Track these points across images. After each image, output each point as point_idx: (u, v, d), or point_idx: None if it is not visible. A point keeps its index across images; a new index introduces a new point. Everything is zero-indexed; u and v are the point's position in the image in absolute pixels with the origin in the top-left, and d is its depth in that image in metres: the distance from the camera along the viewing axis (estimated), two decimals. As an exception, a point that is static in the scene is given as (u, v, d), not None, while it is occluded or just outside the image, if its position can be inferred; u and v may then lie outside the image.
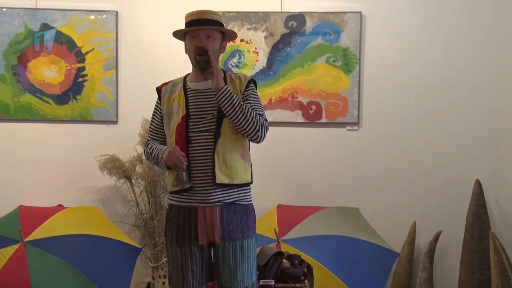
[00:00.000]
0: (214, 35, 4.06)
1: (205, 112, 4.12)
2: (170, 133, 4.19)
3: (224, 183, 4.06)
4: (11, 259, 5.27)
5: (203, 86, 4.16)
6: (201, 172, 4.10)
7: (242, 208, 4.16)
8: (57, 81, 6.12)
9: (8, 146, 6.21)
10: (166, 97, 4.25)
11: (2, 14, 6.09)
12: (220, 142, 4.05)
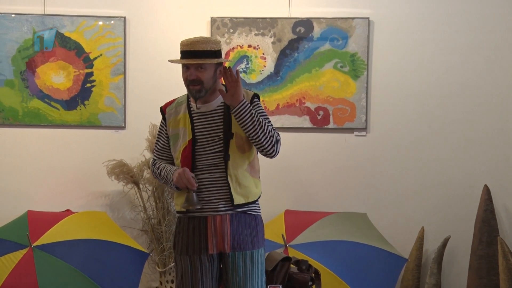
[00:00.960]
0: (205, 65, 4.03)
1: (211, 135, 4.13)
2: (176, 155, 4.20)
3: (241, 203, 4.09)
4: (19, 264, 5.26)
5: (206, 108, 4.16)
6: (220, 206, 4.11)
7: (251, 218, 4.16)
8: (65, 86, 6.13)
9: (17, 151, 6.21)
10: (172, 119, 4.25)
11: (11, 20, 6.09)
12: (231, 164, 4.06)
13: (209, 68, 4.03)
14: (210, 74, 4.03)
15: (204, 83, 4.00)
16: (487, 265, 5.59)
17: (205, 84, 4.00)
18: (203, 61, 3.98)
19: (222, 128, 4.09)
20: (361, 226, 5.67)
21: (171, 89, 5.31)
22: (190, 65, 4.01)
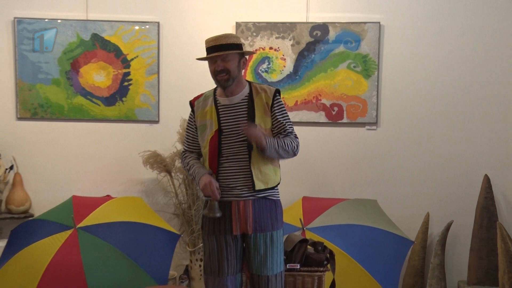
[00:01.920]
0: (230, 57, 4.09)
1: (235, 126, 4.18)
2: (204, 144, 4.26)
3: (261, 189, 4.14)
4: (65, 244, 5.36)
5: (230, 101, 4.22)
6: (243, 192, 4.15)
7: (271, 202, 4.20)
8: (105, 85, 6.18)
9: (62, 143, 6.27)
10: (199, 111, 4.29)
11: (57, 25, 6.11)
12: (253, 153, 4.11)
13: (234, 59, 4.10)
14: (235, 63, 4.11)
15: (231, 71, 4.07)
16: (487, 247, 5.59)
17: (231, 73, 4.07)
18: (228, 52, 4.07)
19: (245, 120, 4.16)
20: (372, 212, 5.71)
21: (199, 87, 5.23)
22: (217, 58, 4.08)
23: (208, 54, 4.13)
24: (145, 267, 5.33)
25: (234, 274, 4.25)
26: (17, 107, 6.22)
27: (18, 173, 6.17)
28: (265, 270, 4.17)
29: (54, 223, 5.55)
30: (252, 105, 4.17)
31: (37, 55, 6.20)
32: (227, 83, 4.11)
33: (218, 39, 4.12)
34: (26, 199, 6.14)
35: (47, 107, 6.21)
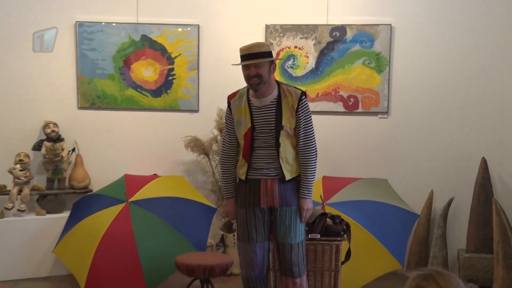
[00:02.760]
0: (262, 64, 4.10)
1: (265, 125, 4.20)
2: (239, 137, 4.29)
3: (290, 178, 4.19)
4: (118, 215, 5.53)
5: (261, 103, 4.22)
6: (268, 171, 4.21)
7: (296, 181, 4.24)
8: (153, 79, 6.24)
9: (116, 129, 6.33)
10: (235, 109, 4.30)
11: (112, 28, 6.19)
12: (281, 149, 4.16)
13: (265, 65, 4.10)
14: (266, 69, 4.11)
15: (263, 77, 4.08)
16: (484, 220, 5.60)
17: (263, 78, 4.08)
18: (261, 60, 4.09)
19: (274, 122, 4.18)
20: (383, 189, 5.75)
21: (233, 81, 5.37)
22: (250, 65, 4.09)
23: (243, 61, 4.14)
24: (187, 236, 5.49)
25: (263, 242, 4.29)
26: (78, 98, 6.28)
27: (79, 154, 6.23)
28: (289, 239, 4.22)
29: (109, 198, 5.72)
30: (280, 107, 4.18)
31: (96, 53, 6.26)
32: (258, 87, 4.13)
33: (251, 48, 4.14)
34: (86, 177, 6.22)
35: (103, 98, 6.27)
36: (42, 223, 5.92)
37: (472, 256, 5.64)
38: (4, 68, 6.26)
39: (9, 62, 6.26)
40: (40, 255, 5.88)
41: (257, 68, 4.08)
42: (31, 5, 6.20)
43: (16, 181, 5.86)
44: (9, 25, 6.25)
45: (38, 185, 6.09)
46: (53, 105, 6.30)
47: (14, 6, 6.22)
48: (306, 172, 4.22)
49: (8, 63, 6.25)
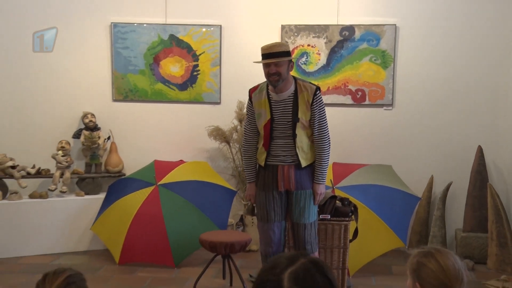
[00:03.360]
0: (281, 63, 4.09)
1: (283, 118, 4.22)
2: (260, 128, 4.30)
3: (306, 165, 4.22)
4: (148, 197, 5.64)
5: (279, 98, 4.23)
6: (285, 158, 4.23)
7: (310, 167, 4.27)
8: (179, 74, 6.26)
9: (146, 119, 6.36)
10: (256, 102, 4.31)
11: (143, 28, 6.23)
12: (298, 140, 4.18)
13: (284, 64, 4.11)
14: (285, 67, 4.12)
15: (282, 74, 4.08)
16: (479, 203, 5.62)
17: (282, 75, 4.09)
18: (280, 59, 4.09)
19: (291, 115, 4.19)
20: (387, 174, 5.76)
21: (251, 76, 5.42)
22: (270, 63, 4.10)
23: (263, 59, 4.14)
24: (210, 216, 5.60)
25: (280, 221, 4.32)
26: (113, 92, 6.33)
27: (114, 142, 6.29)
28: (303, 219, 4.26)
29: (140, 181, 5.84)
30: (296, 101, 4.19)
31: (128, 51, 6.28)
32: (277, 83, 4.13)
33: (272, 47, 4.14)
34: (120, 162, 6.28)
35: (135, 91, 6.31)
36: (81, 203, 6.00)
37: (468, 235, 5.63)
38: (46, 65, 6.29)
39: (51, 59, 6.28)
40: (80, 232, 5.95)
41: (276, 66, 4.09)
42: (69, 8, 6.26)
43: (59, 165, 5.92)
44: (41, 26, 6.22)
45: (77, 169, 6.16)
46: (91, 97, 6.35)
47: (51, 8, 6.23)
48: (321, 160, 4.24)
49: (49, 60, 6.28)
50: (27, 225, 5.82)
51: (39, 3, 6.25)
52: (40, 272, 4.98)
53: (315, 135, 4.24)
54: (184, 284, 5.06)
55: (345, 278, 4.75)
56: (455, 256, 2.29)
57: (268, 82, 4.21)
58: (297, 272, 1.49)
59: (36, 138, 6.34)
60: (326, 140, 4.23)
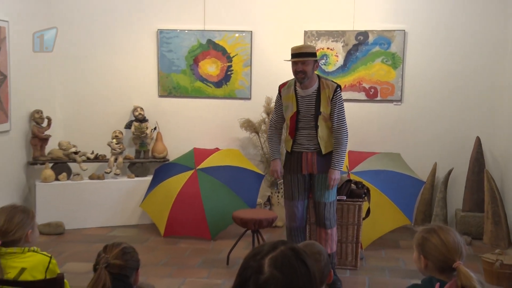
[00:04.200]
0: (308, 62, 4.11)
1: (307, 111, 4.24)
2: (286, 118, 4.33)
3: (326, 153, 4.24)
4: (188, 179, 5.72)
5: (305, 93, 4.24)
6: (309, 146, 4.26)
7: (331, 154, 4.27)
8: (215, 73, 6.28)
9: (187, 112, 6.37)
10: (284, 96, 4.32)
11: (185, 34, 6.24)
12: (319, 130, 4.21)
13: (310, 63, 4.12)
14: (311, 66, 4.13)
15: (307, 72, 4.11)
16: (476, 186, 5.62)
17: (308, 73, 4.11)
18: (307, 59, 4.11)
19: (314, 108, 4.21)
20: (396, 161, 5.74)
21: (277, 75, 5.32)
22: (298, 62, 4.11)
23: (293, 58, 4.16)
24: (241, 196, 5.66)
25: (303, 200, 4.35)
26: (158, 89, 6.36)
27: (159, 132, 6.31)
28: (323, 198, 4.29)
29: (181, 165, 5.90)
30: (319, 97, 4.20)
31: (172, 54, 6.29)
32: (303, 80, 4.15)
33: (300, 48, 4.17)
34: (164, 149, 6.30)
35: (178, 88, 6.33)
36: (131, 184, 6.07)
37: (467, 214, 5.65)
38: (102, 66, 6.39)
39: (106, 61, 6.38)
40: (130, 208, 6.04)
41: (303, 65, 4.09)
42: (125, 17, 6.33)
43: (113, 151, 6.02)
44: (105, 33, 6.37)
45: (129, 155, 6.22)
46: (140, 94, 6.40)
47: (109, 17, 6.33)
48: (338, 148, 4.23)
49: (105, 61, 6.38)
50: (87, 202, 5.91)
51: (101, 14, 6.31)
52: (98, 242, 5.14)
53: (334, 127, 4.23)
54: (219, 254, 5.10)
55: (358, 250, 4.77)
56: (455, 233, 2.27)
57: (295, 79, 4.22)
58: (276, 258, 1.43)
59: (95, 128, 6.40)
60: (344, 132, 4.23)
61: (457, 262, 2.14)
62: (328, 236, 4.35)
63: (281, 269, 1.40)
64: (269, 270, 1.40)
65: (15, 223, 2.55)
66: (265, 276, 1.40)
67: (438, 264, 2.21)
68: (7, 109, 5.50)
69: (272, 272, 1.40)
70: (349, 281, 4.52)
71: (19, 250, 2.55)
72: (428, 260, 2.24)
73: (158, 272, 4.61)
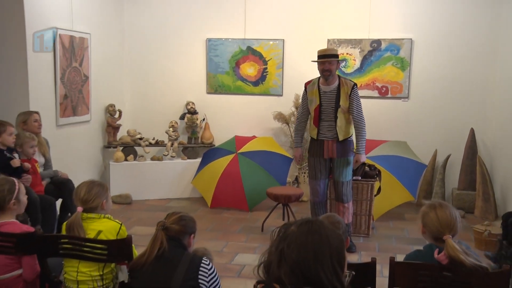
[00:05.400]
0: (332, 62, 4.15)
1: (328, 104, 4.27)
2: (311, 110, 4.34)
3: (342, 139, 4.28)
4: (231, 161, 5.74)
5: (327, 89, 4.25)
6: (330, 133, 4.28)
7: (348, 141, 4.33)
8: (253, 74, 6.32)
9: (230, 106, 6.39)
10: (310, 91, 4.35)
11: (229, 42, 6.29)
12: (338, 121, 4.25)
13: (334, 63, 4.15)
14: (334, 66, 4.16)
15: (332, 71, 4.15)
16: (470, 169, 5.63)
17: (332, 71, 4.15)
18: (331, 59, 4.14)
19: (334, 102, 4.25)
20: (403, 148, 5.72)
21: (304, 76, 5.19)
22: (325, 62, 4.13)
23: (319, 59, 4.17)
24: (274, 175, 5.66)
25: (324, 179, 4.39)
26: (206, 87, 6.41)
27: (207, 122, 6.37)
28: (342, 178, 4.34)
29: (225, 150, 5.92)
30: (339, 93, 4.23)
31: (218, 58, 6.29)
32: (328, 77, 4.17)
33: (326, 51, 4.21)
34: (211, 137, 6.36)
35: (222, 86, 6.39)
36: (184, 164, 6.11)
37: (461, 192, 5.66)
38: (161, 69, 6.45)
39: (163, 64, 6.44)
40: (184, 184, 6.10)
41: (329, 64, 4.11)
42: (180, 29, 6.37)
43: (170, 138, 6.11)
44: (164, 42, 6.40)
45: (182, 141, 6.29)
46: (192, 91, 6.44)
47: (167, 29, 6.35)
48: (360, 136, 4.25)
49: (163, 64, 6.44)
50: (149, 178, 5.99)
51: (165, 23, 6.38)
52: (158, 211, 5.39)
53: (354, 119, 4.23)
54: (255, 223, 5.13)
55: (370, 221, 4.78)
56: (453, 210, 2.25)
57: (322, 76, 4.22)
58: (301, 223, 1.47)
59: (155, 119, 6.46)
60: (362, 122, 4.25)
61: (446, 235, 2.15)
62: (345, 209, 4.37)
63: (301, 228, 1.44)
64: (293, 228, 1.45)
65: (93, 194, 2.59)
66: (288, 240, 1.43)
67: (432, 234, 2.23)
68: (88, 103, 5.66)
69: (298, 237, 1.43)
70: (362, 246, 4.52)
71: (96, 216, 2.60)
72: (425, 229, 2.27)
73: (206, 236, 4.67)
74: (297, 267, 1.41)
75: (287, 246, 1.42)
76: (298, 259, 1.40)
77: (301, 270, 1.40)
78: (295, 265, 1.41)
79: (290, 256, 1.41)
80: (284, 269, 1.41)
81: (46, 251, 2.54)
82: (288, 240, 1.43)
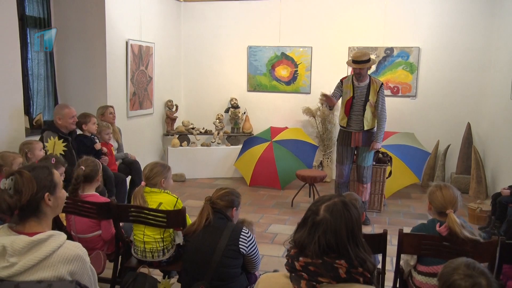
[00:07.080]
0: (364, 65, 4.15)
1: (359, 98, 4.26)
2: (344, 100, 4.33)
3: (367, 129, 4.29)
4: (266, 148, 5.77)
5: (359, 85, 4.24)
6: (357, 125, 4.28)
7: (371, 133, 4.33)
8: (286, 76, 6.34)
9: (266, 102, 6.41)
10: (345, 85, 4.32)
11: (265, 48, 6.32)
12: (366, 113, 4.27)
13: (366, 66, 4.17)
14: (366, 69, 4.18)
15: (362, 74, 4.18)
16: (466, 156, 5.62)
17: (363, 74, 4.18)
18: (363, 65, 4.15)
19: (365, 96, 4.23)
20: (411, 138, 5.68)
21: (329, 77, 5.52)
22: (356, 66, 4.14)
23: (354, 63, 4.15)
24: (302, 160, 5.67)
25: (349, 164, 4.41)
26: (247, 86, 6.48)
27: (247, 115, 6.43)
28: (364, 163, 4.38)
29: (262, 138, 5.97)
30: (369, 89, 4.23)
31: (257, 62, 6.29)
32: (360, 78, 4.20)
33: (360, 57, 4.13)
34: (250, 127, 6.45)
35: (260, 85, 6.43)
36: (228, 150, 6.19)
37: (458, 176, 5.67)
38: (210, 70, 6.49)
39: (212, 66, 6.48)
40: (227, 166, 6.20)
41: (361, 68, 4.13)
42: (226, 38, 6.41)
43: (216, 128, 6.23)
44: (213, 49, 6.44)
45: (226, 131, 6.39)
46: (235, 88, 6.51)
47: (216, 38, 6.43)
48: (380, 127, 4.26)
49: (213, 66, 6.47)
50: (200, 161, 6.10)
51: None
52: (207, 188, 5.53)
53: (378, 113, 4.26)
54: (286, 199, 5.18)
55: (383, 199, 4.82)
56: (455, 190, 2.24)
57: (354, 76, 4.26)
58: (329, 206, 1.39)
59: (205, 112, 6.55)
60: (384, 116, 4.27)
61: (449, 210, 2.17)
62: (363, 189, 4.45)
63: (331, 213, 1.38)
64: (323, 214, 1.39)
65: (154, 172, 2.63)
66: (319, 218, 1.39)
67: (437, 209, 2.24)
68: (151, 99, 5.87)
69: (325, 215, 1.38)
70: (375, 220, 4.56)
71: (158, 191, 2.64)
72: (432, 205, 2.28)
73: (246, 209, 4.73)
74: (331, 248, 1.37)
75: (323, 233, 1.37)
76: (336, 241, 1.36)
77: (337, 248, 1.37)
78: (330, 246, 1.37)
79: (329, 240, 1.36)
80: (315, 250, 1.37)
81: (119, 217, 2.65)
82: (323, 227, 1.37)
